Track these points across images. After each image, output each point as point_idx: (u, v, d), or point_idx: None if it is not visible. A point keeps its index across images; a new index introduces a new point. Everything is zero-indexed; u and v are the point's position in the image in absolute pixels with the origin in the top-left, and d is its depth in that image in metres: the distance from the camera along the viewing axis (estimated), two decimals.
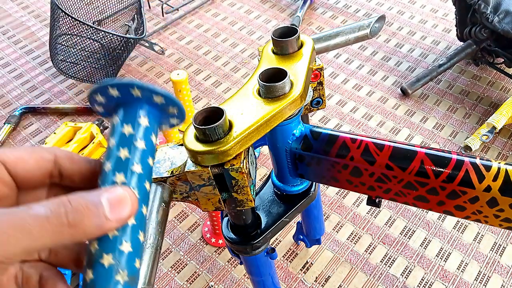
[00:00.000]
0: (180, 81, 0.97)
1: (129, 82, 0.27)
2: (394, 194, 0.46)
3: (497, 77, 1.22)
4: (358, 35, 0.62)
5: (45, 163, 0.27)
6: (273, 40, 0.45)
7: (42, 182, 0.28)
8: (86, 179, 0.28)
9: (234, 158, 0.39)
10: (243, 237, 0.54)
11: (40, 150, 0.27)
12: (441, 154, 0.42)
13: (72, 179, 0.28)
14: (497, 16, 1.03)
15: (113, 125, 0.28)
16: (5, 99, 1.25)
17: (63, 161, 0.28)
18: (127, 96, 0.27)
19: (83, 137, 1.04)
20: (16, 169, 0.26)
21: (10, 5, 1.58)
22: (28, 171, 0.27)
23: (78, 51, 1.21)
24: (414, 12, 1.45)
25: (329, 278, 0.86)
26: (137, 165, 0.26)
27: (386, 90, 1.21)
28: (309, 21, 1.44)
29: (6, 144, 1.13)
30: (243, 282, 0.86)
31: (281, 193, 0.57)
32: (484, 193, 0.40)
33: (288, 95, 0.41)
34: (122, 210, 0.24)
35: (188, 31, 1.44)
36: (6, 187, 0.26)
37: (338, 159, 0.46)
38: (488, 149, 1.05)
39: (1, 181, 0.26)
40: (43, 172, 0.27)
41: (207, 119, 0.38)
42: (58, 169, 0.28)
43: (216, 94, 1.23)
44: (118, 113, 0.28)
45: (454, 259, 0.87)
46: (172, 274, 0.88)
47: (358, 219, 0.94)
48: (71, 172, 0.28)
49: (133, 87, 0.27)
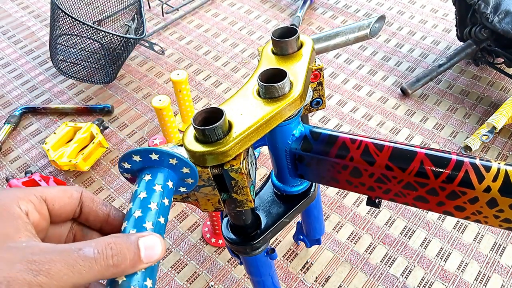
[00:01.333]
0: (180, 81, 0.97)
1: (148, 149, 0.32)
2: (394, 194, 0.46)
3: (497, 77, 1.22)
4: (358, 35, 0.62)
5: (74, 201, 0.31)
6: (273, 41, 0.45)
7: (68, 217, 0.32)
8: (99, 220, 0.33)
9: (234, 158, 0.39)
10: (243, 238, 0.54)
11: (70, 189, 0.31)
12: (440, 155, 0.42)
13: (88, 218, 0.32)
14: (497, 16, 1.03)
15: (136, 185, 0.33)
16: (5, 99, 1.25)
17: (86, 200, 0.32)
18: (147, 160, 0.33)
19: (83, 137, 1.04)
20: (54, 205, 0.30)
21: (10, 5, 1.58)
22: (61, 207, 0.30)
23: (78, 51, 1.21)
24: (414, 12, 1.45)
25: (329, 278, 0.86)
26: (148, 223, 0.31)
27: (386, 90, 1.21)
28: (309, 21, 1.44)
29: (6, 144, 1.13)
30: (243, 282, 0.86)
31: (281, 193, 0.57)
32: (484, 193, 0.40)
33: (288, 95, 0.41)
34: (154, 253, 0.28)
35: (188, 31, 1.44)
36: (44, 221, 0.29)
37: (337, 160, 0.46)
38: (488, 149, 1.05)
39: (42, 216, 0.29)
40: (72, 209, 0.31)
41: (206, 120, 0.38)
42: (80, 207, 0.32)
43: (216, 94, 1.23)
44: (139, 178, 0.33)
45: (454, 259, 0.87)
46: (172, 274, 0.88)
47: (358, 219, 0.94)
48: (88, 211, 0.32)
49: (151, 152, 0.32)
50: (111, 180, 1.04)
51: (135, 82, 1.28)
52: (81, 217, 0.32)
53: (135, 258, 0.27)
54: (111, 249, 0.26)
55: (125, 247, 0.27)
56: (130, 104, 1.22)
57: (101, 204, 0.33)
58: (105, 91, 1.26)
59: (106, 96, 1.24)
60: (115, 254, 0.26)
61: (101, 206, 0.33)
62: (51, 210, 0.30)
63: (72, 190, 0.31)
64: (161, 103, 0.87)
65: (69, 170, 1.04)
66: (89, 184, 1.04)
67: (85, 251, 0.25)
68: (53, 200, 0.30)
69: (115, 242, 0.27)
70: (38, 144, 1.13)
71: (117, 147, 1.11)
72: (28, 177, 0.96)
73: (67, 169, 1.02)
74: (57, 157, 1.00)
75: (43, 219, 0.29)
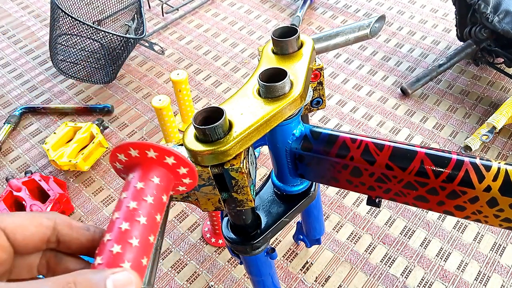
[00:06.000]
0: (180, 81, 0.97)
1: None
2: (394, 194, 0.46)
3: (497, 77, 1.22)
4: (358, 35, 0.62)
5: (43, 230, 0.27)
6: (273, 40, 0.45)
7: (39, 247, 0.28)
8: (84, 246, 0.29)
9: (234, 158, 0.39)
10: (243, 237, 0.54)
11: (40, 216, 0.28)
12: (441, 154, 0.42)
13: (69, 246, 0.29)
14: (497, 16, 1.03)
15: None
16: (5, 99, 1.25)
17: (61, 227, 0.28)
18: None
19: (83, 137, 1.04)
20: (16, 235, 0.26)
21: (10, 5, 1.58)
22: (26, 237, 0.27)
23: (78, 51, 1.21)
24: (414, 12, 1.45)
25: (329, 278, 0.86)
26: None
27: (386, 90, 1.21)
28: (309, 21, 1.44)
29: (6, 144, 1.13)
30: (243, 282, 0.86)
31: (281, 193, 0.57)
32: (484, 193, 0.40)
33: (288, 95, 0.41)
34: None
35: (188, 31, 1.44)
36: (4, 252, 0.26)
37: (338, 159, 0.46)
38: (488, 149, 1.05)
39: (1, 247, 0.26)
40: (41, 238, 0.28)
41: (207, 119, 0.38)
42: (56, 236, 0.28)
43: (216, 94, 1.23)
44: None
45: (454, 259, 0.87)
46: (172, 274, 0.88)
47: (358, 219, 0.94)
48: (68, 239, 0.28)
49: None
50: (111, 180, 1.04)
51: (135, 82, 1.28)
52: (61, 246, 0.29)
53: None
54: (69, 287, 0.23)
55: (87, 286, 0.23)
56: (130, 104, 1.22)
57: (83, 228, 0.29)
58: (105, 91, 1.26)
59: (106, 96, 1.24)
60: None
61: (82, 231, 0.29)
62: (13, 241, 0.26)
63: (42, 218, 0.28)
64: (161, 103, 0.87)
65: (69, 170, 1.04)
66: (89, 184, 1.04)
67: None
68: (14, 229, 0.26)
69: (76, 281, 0.23)
70: (38, 144, 1.13)
71: None
72: (28, 177, 0.96)
73: (67, 169, 1.02)
74: (57, 157, 1.00)
75: (1, 251, 0.26)
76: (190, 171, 0.31)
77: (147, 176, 0.29)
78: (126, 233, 0.27)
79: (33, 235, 0.27)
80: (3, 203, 0.91)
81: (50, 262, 0.29)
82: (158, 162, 0.30)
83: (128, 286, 0.24)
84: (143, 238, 0.27)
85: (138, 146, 0.29)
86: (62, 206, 0.94)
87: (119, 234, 0.26)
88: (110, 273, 0.24)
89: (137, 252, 0.26)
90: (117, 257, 0.26)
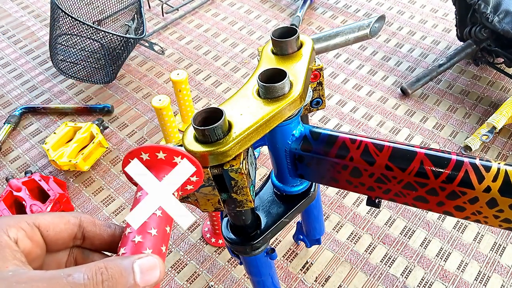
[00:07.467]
0: (180, 81, 0.97)
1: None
2: (394, 194, 0.46)
3: (497, 77, 1.22)
4: (358, 35, 0.62)
5: (71, 227, 0.30)
6: (273, 40, 0.45)
7: (67, 244, 0.31)
8: (105, 242, 0.32)
9: (234, 158, 0.39)
10: (242, 238, 0.54)
11: (67, 215, 0.30)
12: (440, 155, 0.42)
13: (93, 242, 0.32)
14: (497, 16, 1.03)
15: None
16: (5, 99, 1.25)
17: (86, 225, 0.31)
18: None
19: (83, 137, 1.04)
20: (48, 232, 0.29)
21: (10, 5, 1.58)
22: (57, 233, 0.30)
23: (78, 51, 1.21)
24: (414, 12, 1.45)
25: (329, 278, 0.86)
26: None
27: (386, 90, 1.21)
28: (309, 21, 1.44)
29: (6, 144, 1.13)
30: (243, 282, 0.86)
31: (280, 193, 0.57)
32: (484, 193, 0.40)
33: (288, 95, 0.41)
34: (152, 276, 0.27)
35: (188, 31, 1.44)
36: (38, 248, 0.28)
37: (337, 160, 0.46)
38: (488, 149, 1.05)
39: (36, 243, 0.28)
40: (69, 235, 0.30)
41: (206, 120, 0.38)
42: (82, 232, 0.31)
43: (216, 94, 1.23)
44: None
45: (454, 259, 0.87)
46: (172, 274, 0.88)
47: (358, 219, 0.94)
48: (93, 235, 0.31)
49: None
50: (111, 180, 1.04)
51: (135, 82, 1.28)
52: (85, 242, 0.31)
53: (129, 284, 0.26)
54: (101, 274, 0.25)
55: (117, 272, 0.25)
56: (130, 104, 1.22)
57: (104, 225, 0.32)
58: (105, 91, 1.26)
59: (106, 96, 1.24)
60: (105, 279, 0.25)
61: (104, 228, 0.32)
62: (46, 237, 0.29)
63: (69, 216, 0.30)
64: (161, 103, 0.87)
65: (69, 170, 1.04)
66: (89, 184, 1.04)
67: (74, 277, 0.24)
68: (47, 226, 0.29)
69: (107, 266, 0.25)
70: (38, 144, 1.13)
71: (117, 147, 1.11)
72: (28, 177, 0.96)
73: (67, 169, 1.02)
74: (57, 157, 1.00)
75: (36, 246, 0.28)
76: (196, 171, 0.32)
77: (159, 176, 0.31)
78: (145, 225, 0.29)
79: (63, 231, 0.30)
80: (3, 203, 0.91)
81: (77, 258, 0.32)
82: (167, 163, 0.32)
83: (154, 269, 0.27)
84: (161, 229, 0.30)
85: (148, 149, 0.31)
86: (62, 206, 0.94)
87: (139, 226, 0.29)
88: (137, 258, 0.27)
89: (156, 241, 0.29)
90: (139, 246, 0.28)
